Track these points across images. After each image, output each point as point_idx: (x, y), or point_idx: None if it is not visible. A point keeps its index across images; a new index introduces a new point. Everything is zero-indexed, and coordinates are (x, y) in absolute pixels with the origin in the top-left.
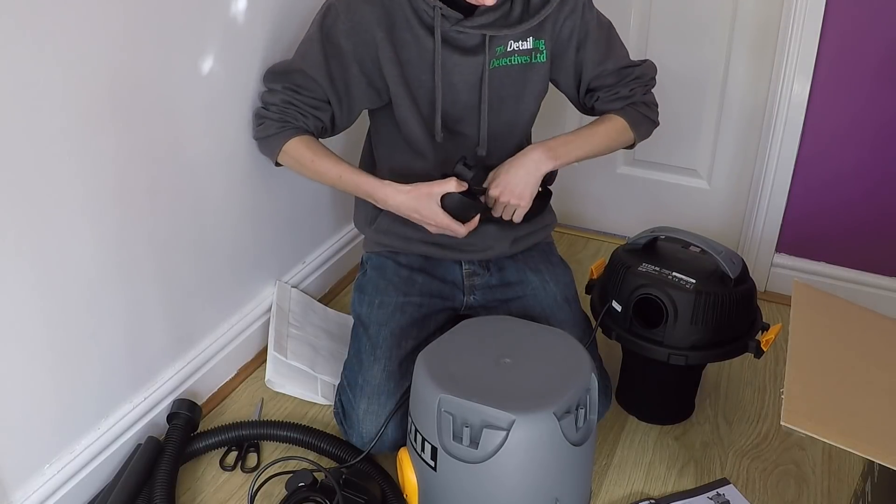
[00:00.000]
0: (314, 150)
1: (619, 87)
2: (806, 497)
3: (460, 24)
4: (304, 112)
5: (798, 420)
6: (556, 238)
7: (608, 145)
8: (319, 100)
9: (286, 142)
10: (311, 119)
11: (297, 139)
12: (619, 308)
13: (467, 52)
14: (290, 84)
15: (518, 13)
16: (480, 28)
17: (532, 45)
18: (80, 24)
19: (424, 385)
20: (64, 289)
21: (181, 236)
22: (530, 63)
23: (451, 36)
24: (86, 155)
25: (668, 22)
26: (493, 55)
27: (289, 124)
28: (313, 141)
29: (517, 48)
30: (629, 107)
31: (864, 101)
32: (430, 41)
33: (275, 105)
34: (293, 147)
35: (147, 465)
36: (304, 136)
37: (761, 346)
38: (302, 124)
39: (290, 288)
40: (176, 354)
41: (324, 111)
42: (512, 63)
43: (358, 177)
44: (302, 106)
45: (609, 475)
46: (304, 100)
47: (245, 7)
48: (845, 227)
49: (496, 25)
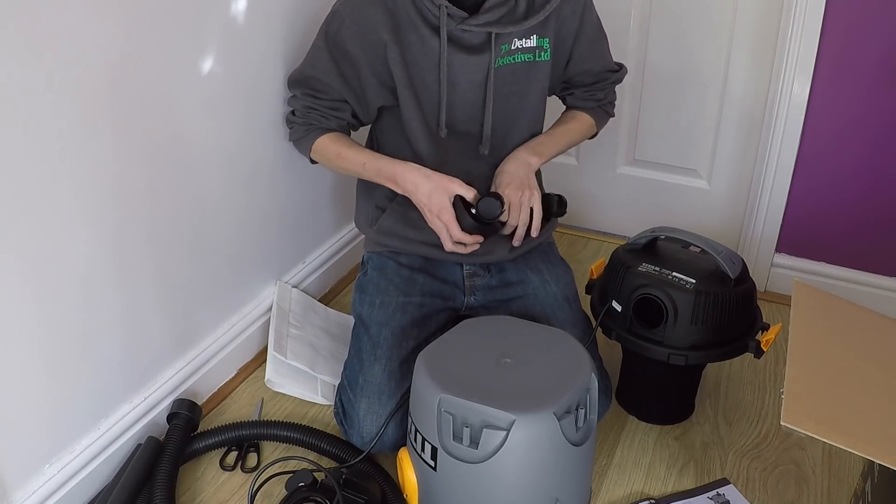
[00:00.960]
0: (339, 144)
1: (595, 89)
2: (806, 497)
3: (465, 23)
4: (325, 115)
5: (798, 420)
6: (556, 238)
7: (578, 141)
8: (337, 100)
9: (313, 143)
10: (332, 120)
11: (323, 138)
12: (619, 308)
13: (473, 51)
14: (308, 89)
15: (523, 10)
16: (486, 26)
17: (536, 44)
18: (79, 24)
19: (424, 385)
20: (63, 289)
21: (181, 236)
22: (534, 61)
23: (457, 35)
24: (85, 155)
25: (668, 22)
26: (497, 53)
27: (312, 126)
28: (338, 136)
29: (521, 46)
30: (598, 107)
31: (864, 101)
32: (436, 41)
33: (298, 110)
34: (320, 146)
35: (147, 465)
36: (330, 134)
37: (761, 346)
38: (325, 125)
39: (290, 288)
40: (176, 354)
41: (343, 111)
42: (516, 61)
43: (379, 162)
44: (322, 109)
45: (609, 475)
46: (323, 103)
47: (245, 7)
48: (845, 227)
49: (502, 23)
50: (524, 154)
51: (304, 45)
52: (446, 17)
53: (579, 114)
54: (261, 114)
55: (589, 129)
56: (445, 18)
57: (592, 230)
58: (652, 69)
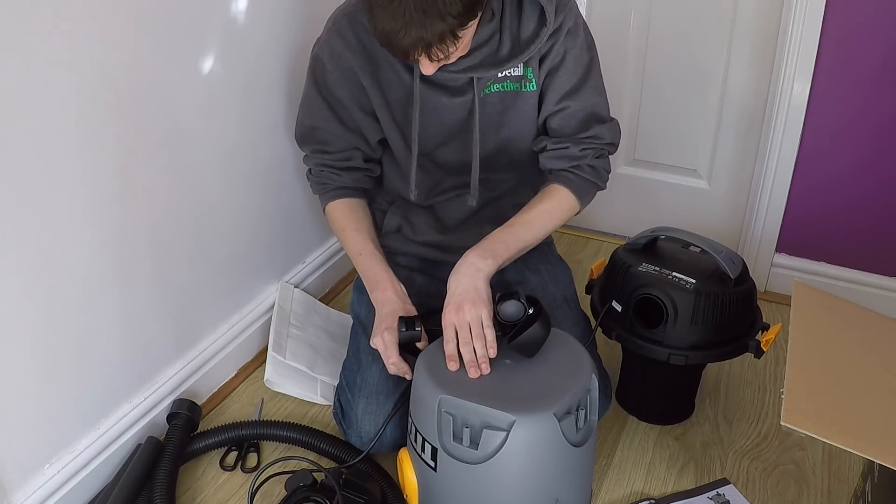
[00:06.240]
0: (345, 219)
1: (569, 142)
2: (806, 497)
3: (445, 69)
4: (337, 171)
5: (798, 420)
6: (556, 238)
7: (552, 226)
8: (346, 150)
9: (325, 206)
10: (345, 175)
11: (335, 204)
12: (619, 308)
13: (455, 93)
14: (316, 145)
15: (507, 51)
16: (466, 71)
17: (522, 73)
18: (80, 24)
19: (424, 385)
20: (63, 288)
21: (181, 236)
22: (520, 91)
23: (437, 78)
24: (86, 155)
25: (668, 22)
26: (482, 87)
27: (326, 186)
28: (349, 206)
29: (508, 74)
30: (574, 171)
31: (865, 100)
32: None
33: (312, 168)
34: (330, 213)
35: (147, 465)
36: (342, 202)
37: (761, 346)
38: (339, 184)
39: (292, 288)
40: (176, 354)
41: (354, 159)
42: (505, 89)
43: (369, 262)
44: (333, 164)
45: (609, 475)
46: (333, 157)
47: (245, 7)
48: (845, 227)
49: (484, 66)
50: (473, 258)
51: (303, 45)
52: None
53: (553, 189)
54: (260, 114)
55: (565, 208)
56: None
57: (592, 230)
58: (652, 69)
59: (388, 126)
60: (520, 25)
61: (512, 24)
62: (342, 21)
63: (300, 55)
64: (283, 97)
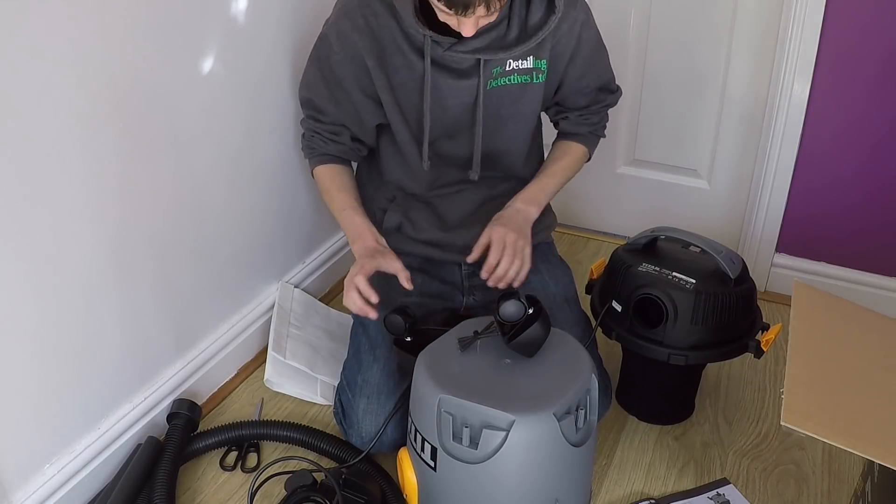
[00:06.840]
0: (330, 181)
1: (589, 112)
2: (806, 497)
3: (453, 49)
4: (326, 139)
5: (798, 420)
6: (556, 238)
7: (573, 176)
8: (336, 124)
9: (313, 169)
10: (332, 145)
11: (321, 168)
12: (619, 308)
13: (461, 76)
14: (311, 111)
15: (515, 35)
16: (474, 52)
17: (532, 65)
18: (80, 24)
19: (424, 385)
20: (63, 288)
21: (181, 236)
22: (530, 83)
23: (444, 60)
24: (86, 155)
25: (668, 22)
26: (489, 76)
27: (314, 151)
28: (333, 171)
29: (517, 67)
30: (591, 133)
31: (865, 101)
32: (422, 65)
33: (305, 132)
34: (317, 176)
35: (147, 465)
36: (328, 166)
37: (761, 346)
38: (325, 151)
39: (292, 288)
40: (176, 354)
41: (342, 135)
42: (511, 82)
43: (351, 217)
44: (323, 133)
45: (609, 475)
46: (324, 126)
47: (246, 7)
48: (845, 227)
49: (491, 49)
50: (519, 204)
51: (305, 45)
52: (432, 43)
53: (572, 146)
54: (261, 114)
55: (583, 160)
56: (430, 46)
57: (592, 230)
58: (652, 69)
59: (391, 109)
60: (528, 13)
61: (521, 11)
62: (351, 3)
63: (303, 55)
64: (285, 97)
